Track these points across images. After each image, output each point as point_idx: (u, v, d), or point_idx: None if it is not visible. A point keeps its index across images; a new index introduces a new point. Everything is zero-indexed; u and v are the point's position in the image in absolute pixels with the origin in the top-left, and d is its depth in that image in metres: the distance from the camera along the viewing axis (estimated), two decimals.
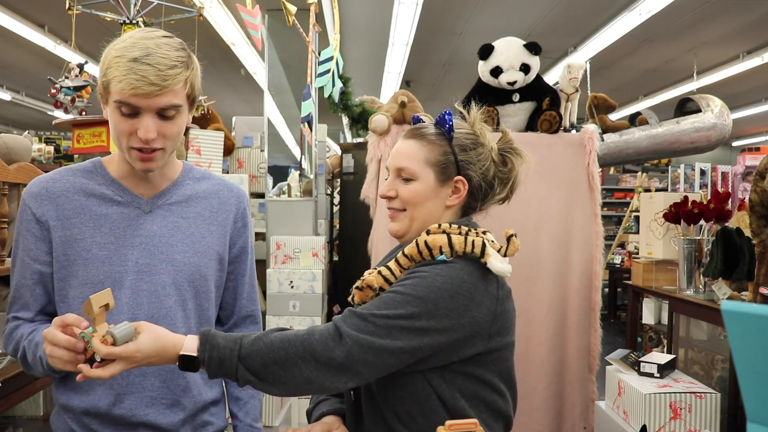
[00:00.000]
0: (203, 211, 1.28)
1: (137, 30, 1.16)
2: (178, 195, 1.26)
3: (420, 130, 1.24)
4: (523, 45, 2.41)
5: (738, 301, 2.49)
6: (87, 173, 1.23)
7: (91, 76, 3.29)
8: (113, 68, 1.09)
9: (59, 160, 4.74)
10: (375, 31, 6.40)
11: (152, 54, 1.08)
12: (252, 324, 1.38)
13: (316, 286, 2.93)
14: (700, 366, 2.99)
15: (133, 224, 1.20)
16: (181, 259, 1.22)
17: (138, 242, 1.19)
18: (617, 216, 9.39)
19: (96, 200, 1.20)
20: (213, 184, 1.32)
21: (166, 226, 1.22)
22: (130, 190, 1.22)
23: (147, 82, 1.07)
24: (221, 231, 1.29)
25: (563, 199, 2.45)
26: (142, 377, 1.18)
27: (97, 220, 1.19)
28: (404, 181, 1.20)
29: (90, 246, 1.17)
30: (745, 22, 6.26)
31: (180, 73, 1.11)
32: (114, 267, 1.17)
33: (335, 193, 4.56)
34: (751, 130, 12.45)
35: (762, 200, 2.25)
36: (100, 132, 2.68)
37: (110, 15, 2.80)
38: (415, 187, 1.19)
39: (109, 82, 1.10)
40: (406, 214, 1.21)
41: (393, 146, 2.42)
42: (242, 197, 1.36)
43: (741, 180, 3.92)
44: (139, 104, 1.09)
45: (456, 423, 1.11)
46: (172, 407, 1.20)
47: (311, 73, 3.02)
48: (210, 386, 1.28)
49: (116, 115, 1.11)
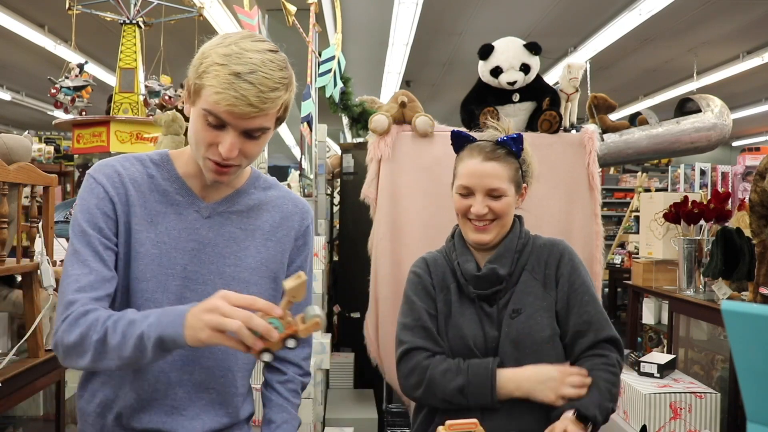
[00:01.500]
0: (263, 225, 1.21)
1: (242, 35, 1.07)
2: (240, 204, 1.19)
3: (495, 152, 1.46)
4: (523, 45, 2.40)
5: (738, 301, 2.49)
6: (155, 165, 1.17)
7: (91, 76, 3.29)
8: (211, 75, 1.01)
9: (59, 160, 4.74)
10: (375, 31, 6.40)
11: (256, 72, 1.01)
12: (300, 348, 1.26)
13: (316, 286, 2.92)
14: (700, 366, 2.99)
15: (188, 227, 1.15)
16: (231, 273, 1.15)
17: (190, 247, 1.14)
18: (617, 216, 9.39)
19: (157, 195, 1.15)
20: (278, 196, 1.25)
21: (221, 235, 1.16)
22: (192, 191, 1.16)
23: (246, 102, 1.00)
24: (279, 248, 1.22)
25: (563, 199, 2.45)
26: (167, 386, 1.14)
27: (155, 216, 1.14)
28: (494, 198, 1.44)
29: (144, 240, 1.12)
30: (745, 22, 6.26)
31: (279, 97, 1.04)
32: (162, 268, 1.12)
33: (335, 193, 4.56)
34: (751, 130, 12.45)
35: (762, 200, 2.25)
36: (100, 132, 2.68)
37: (110, 15, 2.80)
38: (506, 200, 1.45)
39: (203, 87, 1.03)
40: (497, 223, 1.46)
41: (393, 146, 2.45)
42: (306, 214, 1.28)
43: (741, 180, 3.92)
44: (230, 121, 1.03)
45: (456, 423, 1.11)
46: (192, 420, 1.16)
47: (311, 73, 3.02)
48: (242, 402, 1.23)
49: (200, 122, 1.05)
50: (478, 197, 1.44)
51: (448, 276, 1.52)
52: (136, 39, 2.78)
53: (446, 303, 1.50)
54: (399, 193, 2.42)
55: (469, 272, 1.47)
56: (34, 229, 1.89)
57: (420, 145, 2.44)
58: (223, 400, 1.20)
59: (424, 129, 2.42)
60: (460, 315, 1.48)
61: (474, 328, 1.45)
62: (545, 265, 1.49)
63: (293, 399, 1.29)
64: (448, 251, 1.56)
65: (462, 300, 1.49)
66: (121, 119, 2.65)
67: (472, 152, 1.47)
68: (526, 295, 1.47)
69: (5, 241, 1.74)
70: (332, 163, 4.38)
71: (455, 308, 1.48)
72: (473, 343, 1.44)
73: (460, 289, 1.50)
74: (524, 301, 1.46)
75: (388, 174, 2.42)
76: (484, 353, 1.44)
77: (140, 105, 2.81)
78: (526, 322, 1.44)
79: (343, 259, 3.77)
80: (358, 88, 3.18)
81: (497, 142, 1.47)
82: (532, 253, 1.50)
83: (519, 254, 1.49)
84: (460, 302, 1.49)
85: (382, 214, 2.41)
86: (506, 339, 1.43)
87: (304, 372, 1.32)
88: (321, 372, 2.96)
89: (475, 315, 1.47)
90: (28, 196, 1.93)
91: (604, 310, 1.48)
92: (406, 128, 2.46)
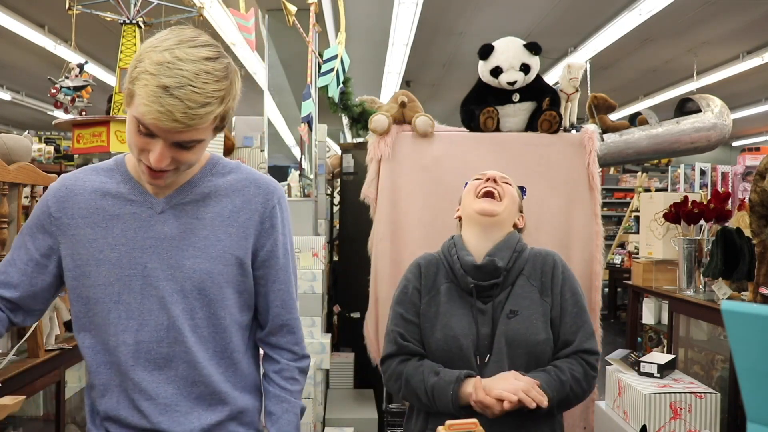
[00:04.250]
0: (222, 211, 1.17)
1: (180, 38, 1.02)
2: (194, 193, 1.17)
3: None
4: (523, 45, 2.40)
5: (738, 301, 2.49)
6: (108, 172, 1.19)
7: (91, 76, 3.28)
8: (141, 84, 0.98)
9: (59, 160, 4.74)
10: (375, 31, 6.40)
11: (185, 86, 0.97)
12: (288, 333, 1.27)
13: (316, 286, 2.93)
14: (700, 366, 2.99)
15: (144, 225, 1.14)
16: (191, 266, 1.14)
17: (148, 245, 1.14)
18: (617, 216, 9.40)
19: (111, 200, 1.16)
20: (238, 179, 1.20)
21: (177, 227, 1.15)
22: (143, 189, 1.16)
23: (171, 118, 0.97)
24: (242, 233, 1.18)
25: (563, 199, 2.44)
26: (155, 384, 1.14)
27: (110, 221, 1.14)
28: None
29: (102, 247, 1.13)
30: (745, 22, 6.26)
31: (211, 111, 1.00)
32: (124, 270, 1.13)
33: (335, 193, 4.56)
34: (751, 130, 12.45)
35: (762, 200, 2.25)
36: (100, 132, 2.68)
37: (110, 15, 2.79)
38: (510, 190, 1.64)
39: (134, 93, 1.00)
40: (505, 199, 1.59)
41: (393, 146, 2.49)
42: (271, 194, 1.21)
43: (741, 180, 3.92)
44: (158, 133, 1.01)
45: (456, 423, 1.11)
46: (188, 415, 1.16)
47: (311, 73, 3.02)
48: (240, 393, 1.22)
49: (132, 127, 1.04)
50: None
51: (440, 277, 1.58)
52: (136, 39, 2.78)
53: (433, 304, 1.55)
54: (399, 193, 2.42)
55: (468, 263, 1.52)
56: None
57: (420, 145, 2.44)
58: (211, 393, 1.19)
59: (424, 129, 2.42)
60: (450, 315, 1.52)
61: (465, 327, 1.50)
62: (541, 273, 1.55)
63: (291, 386, 1.27)
64: (448, 249, 1.60)
65: (452, 300, 1.54)
66: (121, 119, 2.64)
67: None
68: (523, 298, 1.52)
69: (5, 241, 1.74)
70: (332, 163, 4.39)
71: (444, 309, 1.53)
72: (464, 341, 1.49)
73: (451, 288, 1.55)
74: (521, 303, 1.51)
75: (388, 174, 2.42)
76: (476, 351, 1.49)
77: None
78: (522, 323, 1.49)
79: (343, 259, 3.77)
80: (358, 88, 3.18)
81: None
82: (528, 260, 1.56)
83: (518, 254, 1.55)
84: (450, 303, 1.54)
85: (382, 214, 2.41)
86: (501, 338, 1.48)
87: (298, 357, 1.29)
88: (321, 372, 2.96)
89: (469, 314, 1.51)
90: (28, 196, 1.93)
91: (591, 321, 1.56)
92: (406, 128, 2.46)
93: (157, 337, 1.14)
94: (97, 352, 1.16)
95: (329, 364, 2.97)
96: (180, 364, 1.15)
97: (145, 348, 1.14)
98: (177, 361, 1.15)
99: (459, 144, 2.46)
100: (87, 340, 1.17)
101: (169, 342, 1.14)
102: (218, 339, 1.19)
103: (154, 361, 1.15)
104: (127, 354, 1.14)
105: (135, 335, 1.14)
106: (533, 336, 1.48)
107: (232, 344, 1.21)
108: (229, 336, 1.20)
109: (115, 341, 1.14)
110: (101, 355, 1.16)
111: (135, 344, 1.14)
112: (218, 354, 1.19)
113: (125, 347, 1.14)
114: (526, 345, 1.47)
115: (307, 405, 2.73)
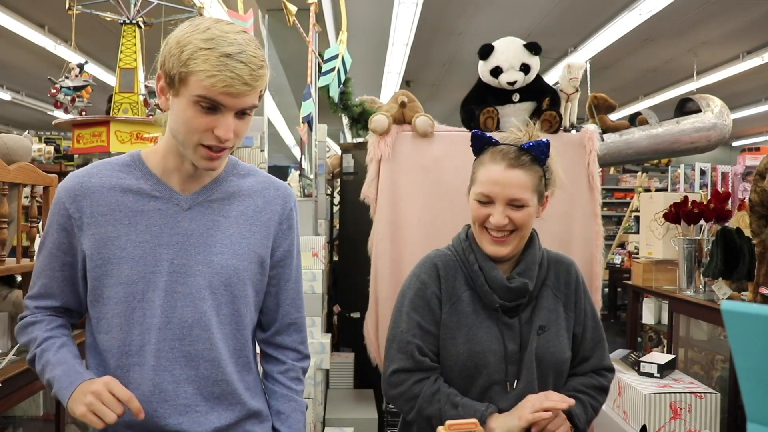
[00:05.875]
0: (246, 210, 1.20)
1: (210, 20, 1.08)
2: (219, 192, 1.19)
3: (520, 158, 1.34)
4: (523, 45, 2.40)
5: (738, 301, 2.49)
6: (125, 167, 1.17)
7: (91, 76, 3.29)
8: (200, 60, 1.01)
9: (59, 160, 4.74)
10: (375, 31, 6.40)
11: (244, 51, 1.03)
12: (296, 332, 1.30)
13: (316, 286, 2.93)
14: (700, 366, 2.99)
15: (170, 222, 1.14)
16: (218, 261, 1.15)
17: (174, 241, 1.13)
18: (617, 216, 9.39)
19: (133, 196, 1.14)
20: (258, 181, 1.24)
21: (204, 224, 1.16)
22: (168, 186, 1.16)
23: (241, 81, 1.02)
24: (264, 232, 1.21)
25: (563, 199, 2.44)
26: (175, 384, 1.13)
27: (133, 217, 1.13)
28: (515, 208, 1.34)
29: (125, 244, 1.12)
30: (745, 22, 6.26)
31: (266, 74, 1.07)
32: (148, 267, 1.12)
33: (335, 193, 4.56)
34: (751, 130, 12.45)
35: (762, 200, 2.25)
36: (100, 132, 2.68)
37: (110, 15, 2.80)
38: (528, 211, 1.35)
39: (191, 74, 1.02)
40: (517, 235, 1.36)
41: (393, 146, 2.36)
42: (289, 197, 1.26)
43: (741, 180, 3.92)
44: (226, 103, 1.04)
45: (456, 423, 1.11)
46: (207, 415, 1.16)
47: (311, 73, 3.02)
48: (252, 396, 1.23)
49: (192, 110, 1.05)
50: (499, 207, 1.34)
51: (460, 283, 1.41)
52: (136, 39, 2.78)
53: (455, 314, 1.39)
54: (399, 193, 2.42)
55: (498, 281, 1.36)
56: (34, 229, 1.89)
57: (420, 145, 2.44)
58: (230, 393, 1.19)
59: (424, 129, 2.42)
60: (477, 327, 1.37)
61: (493, 342, 1.36)
62: (565, 285, 1.45)
63: (297, 386, 1.30)
64: (464, 253, 1.43)
65: (477, 311, 1.38)
66: (121, 119, 2.64)
67: (494, 157, 1.35)
68: (550, 312, 1.41)
69: (5, 241, 1.74)
70: (332, 163, 4.39)
71: (470, 320, 1.38)
72: (492, 358, 1.36)
73: (474, 298, 1.39)
74: (549, 318, 1.41)
75: (388, 174, 2.42)
76: (503, 369, 1.36)
77: (140, 105, 2.81)
78: (552, 340, 1.39)
79: (343, 259, 3.77)
80: (358, 88, 3.18)
81: (522, 148, 1.35)
82: (549, 268, 1.45)
83: (539, 268, 1.43)
84: (475, 313, 1.38)
85: (382, 214, 2.41)
86: (531, 355, 1.37)
87: (302, 356, 1.32)
88: (321, 372, 2.96)
89: (495, 327, 1.37)
90: (28, 196, 1.93)
91: (604, 335, 1.49)
92: (406, 128, 2.46)
93: (180, 335, 1.13)
94: (118, 355, 1.13)
95: (329, 364, 2.97)
96: (202, 362, 1.15)
97: (168, 346, 1.13)
98: (199, 359, 1.15)
99: (459, 144, 2.46)
100: (106, 343, 1.14)
101: (191, 339, 1.14)
102: (238, 337, 1.20)
103: (176, 360, 1.13)
104: (149, 354, 1.12)
105: (158, 333, 1.12)
106: (561, 354, 1.39)
107: (248, 343, 1.23)
108: (247, 334, 1.22)
109: (140, 341, 1.12)
110: (123, 358, 1.13)
111: (157, 343, 1.12)
112: (237, 353, 1.20)
113: (149, 346, 1.12)
114: (554, 363, 1.39)
115: (307, 405, 2.74)
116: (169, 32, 1.10)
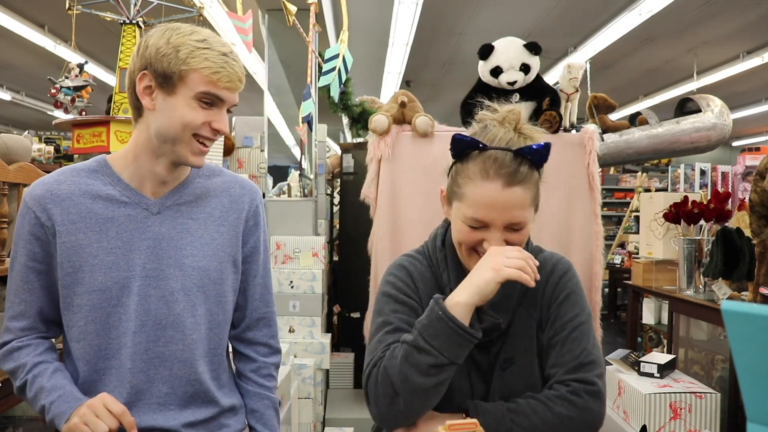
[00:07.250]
0: (213, 211, 1.22)
1: (184, 25, 1.13)
2: (187, 194, 1.21)
3: (518, 171, 1.12)
4: (523, 45, 2.40)
5: (738, 301, 2.49)
6: (92, 173, 1.16)
7: (91, 76, 3.29)
8: (200, 58, 1.08)
9: (59, 160, 4.74)
10: (375, 31, 6.40)
11: (232, 52, 1.12)
12: (265, 327, 1.32)
13: (316, 286, 2.93)
14: (700, 366, 2.99)
15: (140, 227, 1.15)
16: (190, 264, 1.17)
17: (145, 246, 1.15)
18: (617, 216, 9.39)
19: (102, 202, 1.14)
20: (224, 181, 1.27)
21: (174, 228, 1.17)
22: (136, 191, 1.16)
23: (238, 78, 1.12)
24: (233, 231, 1.24)
25: (563, 199, 2.44)
26: (149, 384, 1.15)
27: (103, 224, 1.13)
28: (514, 231, 1.14)
29: (96, 251, 1.12)
30: (745, 22, 6.26)
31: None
32: (121, 272, 1.13)
33: (335, 193, 4.56)
34: (751, 130, 12.45)
35: (762, 200, 2.25)
36: (100, 132, 2.68)
37: (110, 15, 2.80)
38: (527, 229, 1.16)
39: (192, 71, 1.08)
40: None
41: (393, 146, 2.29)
42: (255, 194, 1.30)
43: (741, 180, 3.93)
44: (226, 97, 1.12)
45: (456, 423, 1.10)
46: (181, 412, 1.18)
47: (311, 73, 3.02)
48: (225, 393, 1.25)
49: (193, 105, 1.10)
50: (495, 233, 1.13)
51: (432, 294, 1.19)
52: (136, 39, 2.78)
53: None
54: (399, 193, 2.42)
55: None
56: None
57: (420, 145, 2.44)
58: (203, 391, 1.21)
59: (424, 129, 2.42)
60: None
61: (460, 379, 1.18)
62: (542, 295, 1.23)
63: (269, 383, 1.32)
64: (437, 265, 1.27)
65: None
66: (121, 119, 2.64)
67: (487, 172, 1.11)
68: (521, 339, 1.21)
69: (5, 241, 1.74)
70: (332, 163, 4.39)
71: None
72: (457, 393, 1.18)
73: None
74: (518, 347, 1.21)
75: (388, 174, 2.42)
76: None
77: None
78: (518, 373, 1.20)
79: (343, 259, 3.77)
80: (358, 88, 3.18)
81: (518, 154, 1.12)
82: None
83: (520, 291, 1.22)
84: None
85: (382, 214, 2.41)
86: (495, 394, 1.19)
87: (273, 351, 1.33)
88: (321, 372, 2.96)
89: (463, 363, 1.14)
90: None
91: (594, 346, 1.21)
92: (406, 128, 2.46)
93: (155, 336, 1.15)
94: (95, 359, 1.14)
95: (329, 364, 2.97)
96: (176, 363, 1.17)
97: (143, 348, 1.14)
98: (173, 360, 1.16)
99: None
100: (80, 350, 1.15)
101: (165, 341, 1.16)
102: (212, 337, 1.22)
103: (150, 361, 1.15)
104: (126, 356, 1.14)
105: (133, 337, 1.14)
106: (530, 384, 1.19)
107: (223, 342, 1.26)
108: (222, 333, 1.24)
109: (117, 344, 1.14)
110: (101, 362, 1.14)
111: (133, 346, 1.14)
112: (211, 352, 1.22)
113: (126, 349, 1.14)
114: (522, 393, 1.18)
115: (307, 405, 2.73)
116: None
